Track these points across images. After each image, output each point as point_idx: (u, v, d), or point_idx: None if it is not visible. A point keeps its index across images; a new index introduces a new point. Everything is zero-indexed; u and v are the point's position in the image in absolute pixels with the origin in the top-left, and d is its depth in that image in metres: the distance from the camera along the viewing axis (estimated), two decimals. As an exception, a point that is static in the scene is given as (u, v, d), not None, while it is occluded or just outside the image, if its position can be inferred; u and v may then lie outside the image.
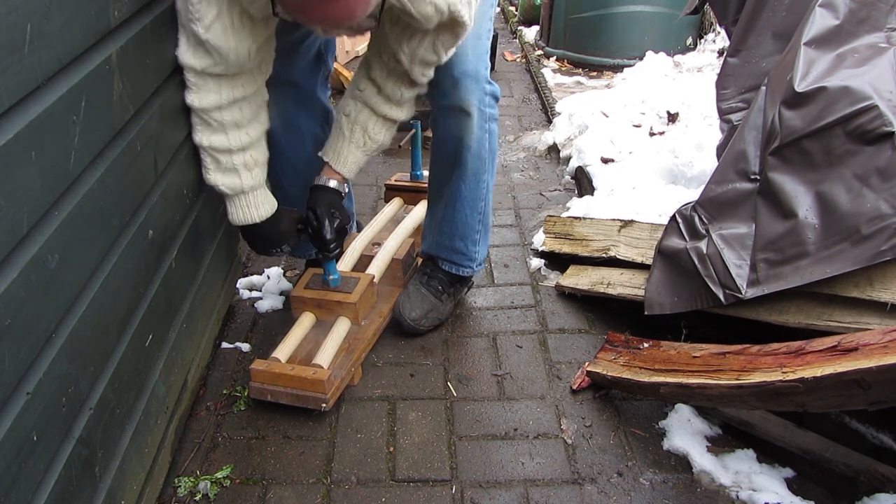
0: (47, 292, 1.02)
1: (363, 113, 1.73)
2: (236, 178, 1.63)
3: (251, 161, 1.63)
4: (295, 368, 1.71)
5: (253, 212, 1.69)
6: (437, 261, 2.06)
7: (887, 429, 1.65)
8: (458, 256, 2.03)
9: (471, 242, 2.01)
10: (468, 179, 1.91)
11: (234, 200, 1.67)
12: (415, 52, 1.57)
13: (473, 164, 1.88)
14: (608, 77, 4.09)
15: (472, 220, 1.98)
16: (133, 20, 1.32)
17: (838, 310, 1.55)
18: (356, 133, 1.74)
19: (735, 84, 2.07)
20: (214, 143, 1.57)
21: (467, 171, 1.89)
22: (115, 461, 1.27)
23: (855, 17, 1.64)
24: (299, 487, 1.57)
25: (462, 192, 1.93)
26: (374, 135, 1.74)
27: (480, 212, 1.98)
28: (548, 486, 1.57)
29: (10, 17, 0.91)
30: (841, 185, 1.52)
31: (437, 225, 2.01)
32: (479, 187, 1.94)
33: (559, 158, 3.18)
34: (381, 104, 1.71)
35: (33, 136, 0.97)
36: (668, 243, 1.85)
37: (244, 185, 1.64)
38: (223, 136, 1.57)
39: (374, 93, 1.70)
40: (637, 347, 1.83)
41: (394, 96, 1.69)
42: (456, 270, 2.05)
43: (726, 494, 1.53)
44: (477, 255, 2.05)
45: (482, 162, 1.90)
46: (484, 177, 1.93)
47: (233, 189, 1.64)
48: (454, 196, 1.94)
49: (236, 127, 1.57)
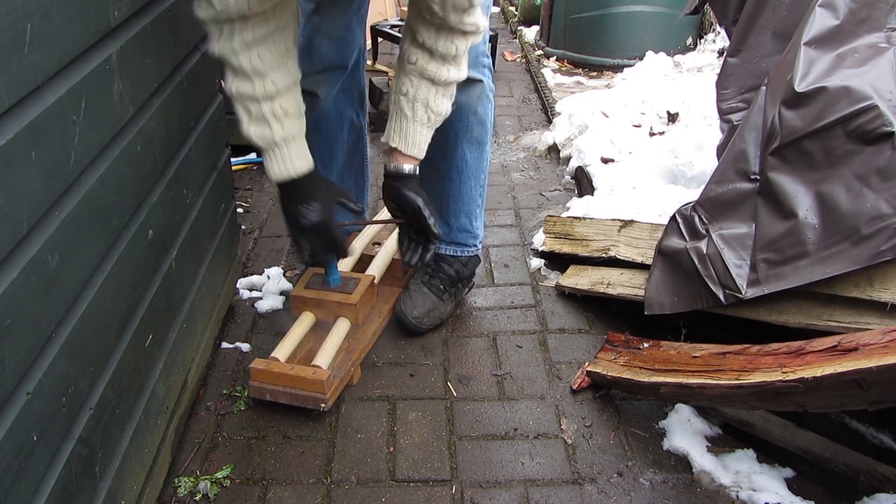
0: (47, 292, 1.02)
1: (422, 87, 1.63)
2: (267, 128, 1.58)
3: (280, 111, 1.59)
4: (294, 368, 1.71)
5: (288, 166, 1.62)
6: (442, 248, 2.07)
7: (887, 429, 1.65)
8: (463, 235, 2.07)
9: (474, 217, 2.07)
10: (473, 148, 1.96)
11: (268, 154, 1.61)
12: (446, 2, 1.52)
13: (479, 132, 1.93)
14: (608, 77, 4.09)
15: (474, 193, 2.04)
16: (133, 20, 1.32)
17: (838, 310, 1.55)
18: (418, 111, 1.64)
19: (735, 84, 2.07)
20: (242, 90, 1.54)
21: (473, 138, 1.93)
22: (115, 461, 1.27)
23: (855, 17, 1.64)
24: (299, 487, 1.57)
25: (468, 161, 1.97)
26: (438, 107, 1.64)
27: (482, 184, 2.05)
28: (548, 486, 1.57)
29: (10, 17, 0.91)
30: (841, 185, 1.52)
31: (442, 207, 2.01)
32: (482, 157, 2.00)
33: (559, 158, 3.18)
34: (439, 69, 1.61)
35: (33, 136, 0.97)
36: (668, 243, 1.85)
37: (275, 136, 1.59)
38: (248, 84, 1.53)
39: (427, 59, 1.61)
40: (637, 347, 1.83)
41: (448, 53, 1.58)
42: (462, 252, 2.07)
43: (726, 494, 1.53)
44: (479, 232, 2.11)
45: (486, 131, 1.96)
46: (486, 146, 2.00)
47: (265, 140, 1.59)
48: (460, 167, 1.97)
49: (258, 75, 1.53)
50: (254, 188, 2.95)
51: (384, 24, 4.35)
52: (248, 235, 2.58)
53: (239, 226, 2.17)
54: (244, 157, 3.13)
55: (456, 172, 1.98)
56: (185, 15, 1.66)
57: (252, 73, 1.52)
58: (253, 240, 2.56)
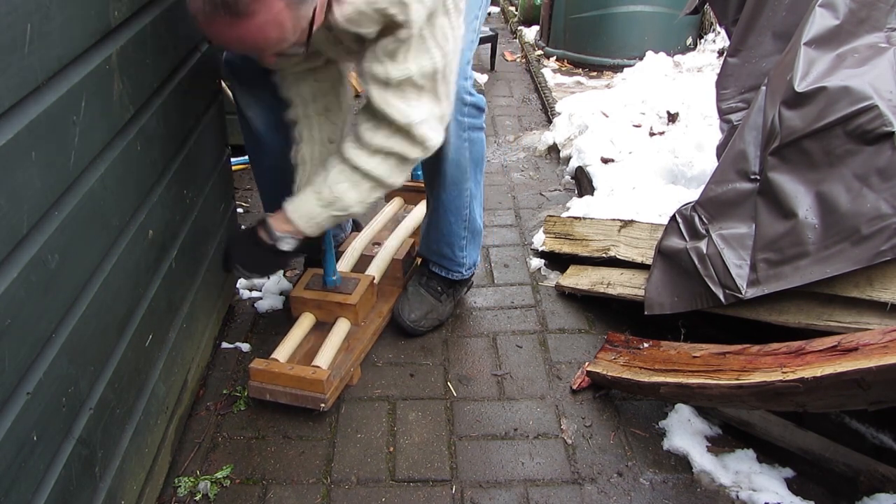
0: (47, 292, 1.02)
1: (333, 159, 1.58)
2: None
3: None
4: (294, 368, 1.71)
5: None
6: (430, 263, 2.06)
7: (887, 429, 1.65)
8: (446, 261, 2.02)
9: (457, 248, 2.00)
10: (448, 188, 1.88)
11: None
12: (363, 70, 1.45)
13: (453, 174, 1.85)
14: (608, 77, 4.09)
15: (456, 228, 1.96)
16: (133, 20, 1.32)
17: (838, 310, 1.55)
18: (319, 178, 1.58)
19: (735, 84, 2.07)
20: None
21: (447, 180, 1.86)
22: (115, 461, 1.27)
23: (855, 17, 1.64)
24: (299, 487, 1.57)
25: (444, 200, 1.90)
26: (333, 182, 1.55)
27: (465, 219, 1.96)
28: (548, 486, 1.57)
29: (10, 17, 0.91)
30: (841, 185, 1.52)
31: (427, 229, 2.02)
32: (460, 196, 1.91)
33: (559, 158, 3.18)
34: (351, 148, 1.55)
35: (33, 136, 0.97)
36: (668, 243, 1.85)
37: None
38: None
39: (350, 137, 1.57)
40: (637, 347, 1.83)
41: (363, 137, 1.52)
42: (446, 274, 2.04)
43: (726, 494, 1.53)
44: (465, 260, 2.03)
45: (462, 171, 1.86)
46: (465, 185, 1.89)
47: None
48: (437, 203, 1.93)
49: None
50: (254, 188, 2.95)
51: None
52: (248, 235, 2.58)
53: (239, 226, 2.17)
54: (244, 157, 3.12)
55: (435, 207, 1.94)
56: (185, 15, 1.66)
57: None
58: (253, 240, 2.56)
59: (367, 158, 1.54)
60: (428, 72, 1.43)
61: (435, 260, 2.03)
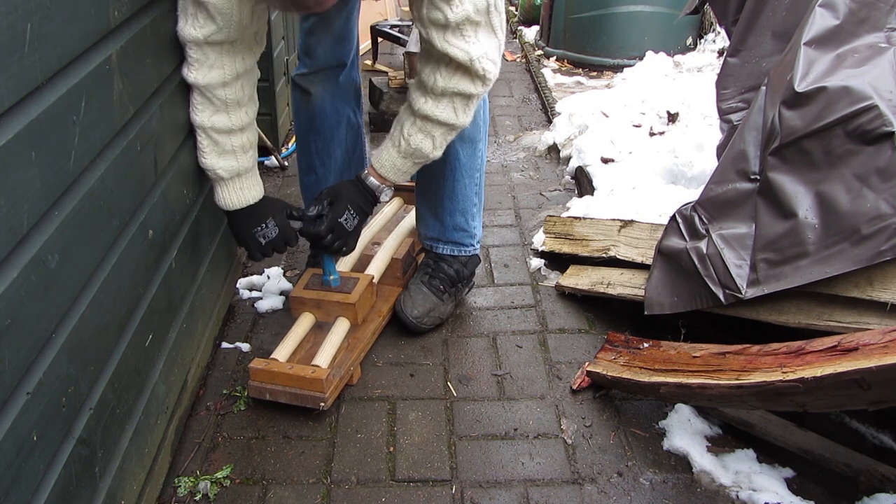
0: (47, 292, 1.02)
1: (405, 111, 1.70)
2: (233, 160, 1.64)
3: (248, 143, 1.66)
4: (294, 367, 1.71)
5: (245, 195, 1.70)
6: (440, 247, 2.08)
7: (887, 429, 1.65)
8: (460, 234, 2.06)
9: (470, 217, 2.06)
10: (466, 146, 1.95)
11: (228, 184, 1.67)
12: (421, 16, 1.53)
13: (470, 130, 1.90)
14: (608, 77, 4.09)
15: (469, 192, 2.02)
16: (133, 20, 1.32)
17: (838, 310, 1.55)
18: (395, 131, 1.71)
19: (735, 84, 2.07)
20: (216, 123, 1.58)
21: (465, 136, 1.91)
22: (115, 461, 1.27)
23: (855, 17, 1.64)
24: (299, 487, 1.57)
25: (461, 158, 1.96)
26: (408, 135, 1.68)
27: (477, 183, 2.04)
28: (548, 486, 1.57)
29: (10, 17, 0.91)
30: (841, 185, 1.52)
31: (436, 205, 2.04)
32: (475, 155, 1.99)
33: (559, 158, 3.18)
34: (417, 98, 1.65)
35: (33, 136, 0.97)
36: (668, 243, 1.85)
37: (240, 168, 1.66)
38: (225, 116, 1.58)
39: (415, 86, 1.67)
40: (637, 347, 1.83)
41: (427, 83, 1.61)
42: (459, 251, 2.07)
43: (726, 494, 1.53)
44: (476, 232, 2.10)
45: (477, 128, 1.95)
46: (479, 145, 1.99)
47: (229, 171, 1.65)
48: (453, 165, 1.96)
49: (238, 105, 1.59)
50: (254, 188, 2.95)
51: (384, 23, 4.35)
52: (248, 235, 2.58)
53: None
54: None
55: (449, 170, 1.98)
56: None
57: (233, 104, 1.57)
58: (253, 240, 2.56)
59: (434, 105, 1.63)
60: (482, 7, 1.50)
61: (447, 238, 2.07)
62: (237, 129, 1.61)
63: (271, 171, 3.10)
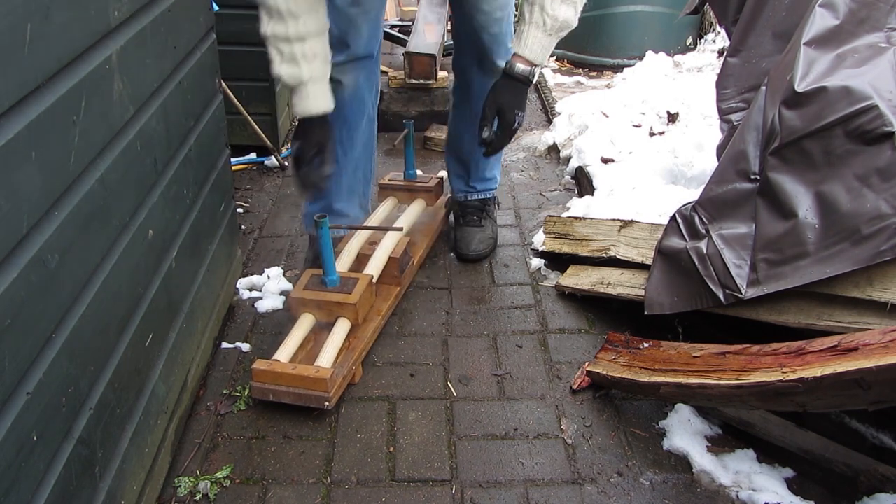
0: (47, 292, 1.02)
1: None
2: (296, 68, 1.74)
3: (310, 53, 1.74)
4: (297, 368, 1.71)
5: (312, 103, 1.78)
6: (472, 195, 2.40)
7: (887, 429, 1.65)
8: (487, 182, 2.42)
9: (497, 171, 2.45)
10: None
11: (297, 91, 1.77)
12: None
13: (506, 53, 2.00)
14: (608, 77, 4.09)
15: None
16: (133, 20, 1.32)
17: (838, 310, 1.55)
18: (535, 12, 1.74)
19: (735, 84, 2.07)
20: (277, 31, 1.68)
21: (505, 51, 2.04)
22: (115, 461, 1.27)
23: (855, 17, 1.63)
24: (299, 487, 1.57)
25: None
26: (552, 11, 1.72)
27: None
28: (548, 486, 1.57)
29: (10, 17, 0.91)
30: (841, 185, 1.52)
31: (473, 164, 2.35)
32: None
33: (559, 158, 3.18)
34: None
35: (33, 136, 0.97)
36: (668, 243, 1.85)
37: (303, 76, 1.74)
38: (283, 25, 1.68)
39: None
40: (637, 347, 1.83)
41: None
42: (485, 195, 2.43)
43: (726, 494, 1.53)
44: (498, 175, 2.48)
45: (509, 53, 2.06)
46: None
47: (294, 78, 1.75)
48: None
49: (293, 16, 1.67)
50: (254, 188, 2.95)
51: (384, 23, 4.35)
52: (248, 235, 2.58)
53: (239, 226, 2.18)
54: (244, 157, 3.13)
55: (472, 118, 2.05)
56: (185, 15, 1.66)
57: (287, 15, 1.66)
58: (253, 240, 2.56)
59: None
60: None
61: (474, 186, 2.40)
62: (295, 38, 1.69)
63: (271, 171, 3.10)
